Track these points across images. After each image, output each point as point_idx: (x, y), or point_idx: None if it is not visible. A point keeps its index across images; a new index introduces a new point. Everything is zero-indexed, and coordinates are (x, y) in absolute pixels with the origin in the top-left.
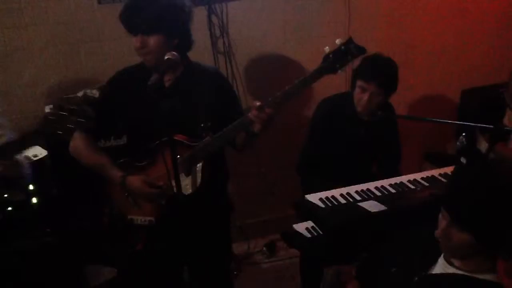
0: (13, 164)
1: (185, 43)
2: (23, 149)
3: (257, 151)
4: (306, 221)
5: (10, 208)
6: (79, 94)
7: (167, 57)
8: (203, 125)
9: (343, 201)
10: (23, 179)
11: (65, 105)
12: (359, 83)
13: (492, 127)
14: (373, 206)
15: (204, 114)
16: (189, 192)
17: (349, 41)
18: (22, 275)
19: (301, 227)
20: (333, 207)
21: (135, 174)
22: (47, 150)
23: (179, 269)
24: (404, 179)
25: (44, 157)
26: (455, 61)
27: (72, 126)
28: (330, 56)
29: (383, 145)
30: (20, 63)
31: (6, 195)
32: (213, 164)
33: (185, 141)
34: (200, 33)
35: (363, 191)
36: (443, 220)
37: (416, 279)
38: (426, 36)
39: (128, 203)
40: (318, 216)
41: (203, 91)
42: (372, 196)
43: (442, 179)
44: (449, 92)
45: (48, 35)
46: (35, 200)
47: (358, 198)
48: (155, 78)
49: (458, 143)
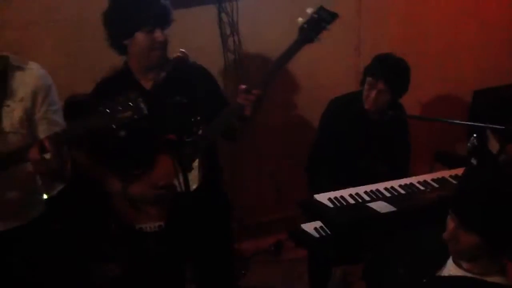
0: None
1: None
2: None
3: (264, 150)
4: (313, 220)
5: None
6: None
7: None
8: (193, 120)
9: (352, 201)
10: None
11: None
12: (368, 80)
13: (503, 128)
14: (382, 206)
15: (192, 109)
16: (194, 187)
17: (320, 8)
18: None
19: (309, 227)
20: (341, 207)
21: (134, 182)
22: None
23: (182, 268)
24: (414, 180)
25: None
26: (467, 61)
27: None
28: (304, 26)
29: (392, 145)
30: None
31: None
32: (209, 158)
33: (179, 139)
34: (209, 31)
35: (372, 191)
36: (451, 222)
37: (424, 280)
38: (438, 35)
39: (132, 214)
40: (326, 216)
41: (187, 86)
42: (381, 196)
43: (452, 181)
44: (461, 92)
45: (58, 34)
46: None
47: (367, 198)
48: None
49: (469, 144)
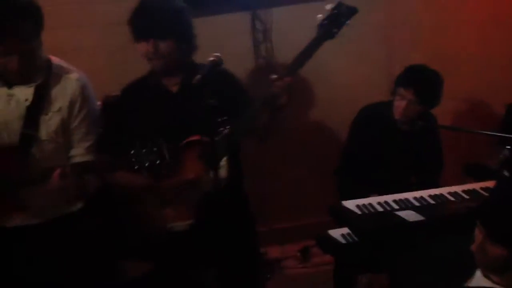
0: None
1: (192, 47)
2: None
3: (291, 155)
4: (340, 226)
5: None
6: None
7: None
8: (219, 120)
9: (380, 209)
10: None
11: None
12: (399, 90)
13: None
14: (410, 216)
15: (218, 110)
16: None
17: (340, 4)
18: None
19: (336, 233)
20: (369, 214)
21: (164, 180)
22: None
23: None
24: (444, 190)
25: None
26: (501, 73)
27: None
28: (325, 22)
29: (423, 155)
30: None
31: None
32: (234, 158)
33: (205, 139)
34: (242, 38)
35: (401, 200)
36: (479, 233)
37: None
38: (471, 46)
39: (162, 212)
40: (353, 222)
41: (212, 88)
42: (410, 205)
43: (483, 193)
44: (494, 104)
45: (97, 36)
46: None
47: (395, 207)
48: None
49: (501, 156)
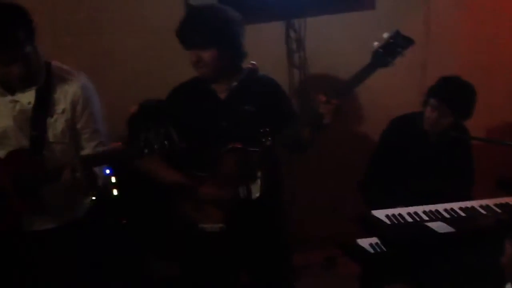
0: None
1: (239, 54)
2: None
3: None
4: (368, 236)
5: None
6: None
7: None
8: (262, 130)
9: (410, 220)
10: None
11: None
12: (431, 101)
13: None
14: (440, 227)
15: (260, 119)
16: (256, 195)
17: (397, 33)
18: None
19: (365, 242)
20: (399, 225)
21: (200, 183)
22: None
23: (237, 273)
24: (475, 203)
25: None
26: None
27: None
28: (380, 50)
29: (453, 167)
30: (108, 68)
31: None
32: (273, 170)
33: (246, 148)
34: (276, 46)
35: (431, 211)
36: (509, 247)
37: None
38: (506, 60)
39: (195, 213)
40: (382, 232)
41: (256, 96)
42: (440, 217)
43: None
44: None
45: (137, 41)
46: (115, 192)
47: (425, 218)
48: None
49: None
